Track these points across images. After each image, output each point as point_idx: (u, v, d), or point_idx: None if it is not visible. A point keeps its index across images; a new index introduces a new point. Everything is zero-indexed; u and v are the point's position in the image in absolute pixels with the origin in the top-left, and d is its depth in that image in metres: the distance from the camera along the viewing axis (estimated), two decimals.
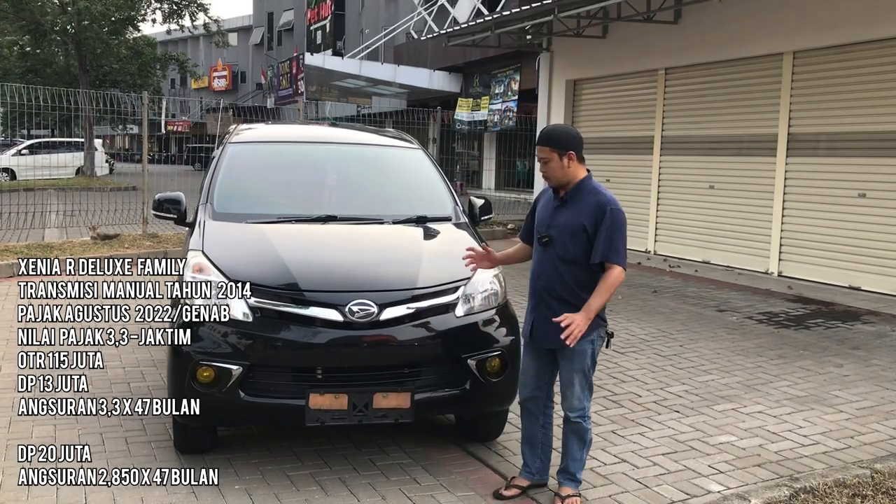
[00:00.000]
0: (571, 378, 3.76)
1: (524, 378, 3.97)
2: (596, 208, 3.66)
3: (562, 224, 3.70)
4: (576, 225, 3.66)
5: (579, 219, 3.66)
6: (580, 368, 3.75)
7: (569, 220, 3.68)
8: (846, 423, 5.04)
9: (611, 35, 13.45)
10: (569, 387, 3.78)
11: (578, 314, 3.57)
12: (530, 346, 3.91)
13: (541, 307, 3.77)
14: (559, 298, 3.70)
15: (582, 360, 3.74)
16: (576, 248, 3.66)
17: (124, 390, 5.42)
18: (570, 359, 3.74)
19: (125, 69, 30.57)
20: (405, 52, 27.86)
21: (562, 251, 3.68)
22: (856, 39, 9.49)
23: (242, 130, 5.99)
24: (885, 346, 6.96)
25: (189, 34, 36.71)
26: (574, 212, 3.69)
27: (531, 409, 3.96)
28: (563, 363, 3.79)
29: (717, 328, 7.65)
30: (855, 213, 9.55)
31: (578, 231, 3.66)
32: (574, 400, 3.79)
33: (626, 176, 13.28)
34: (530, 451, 4.00)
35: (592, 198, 3.70)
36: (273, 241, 4.49)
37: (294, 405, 3.94)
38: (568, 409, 3.81)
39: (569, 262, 3.67)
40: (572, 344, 3.56)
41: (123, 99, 21.22)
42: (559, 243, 3.69)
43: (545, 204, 3.87)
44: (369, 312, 3.98)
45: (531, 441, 4.00)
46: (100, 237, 11.80)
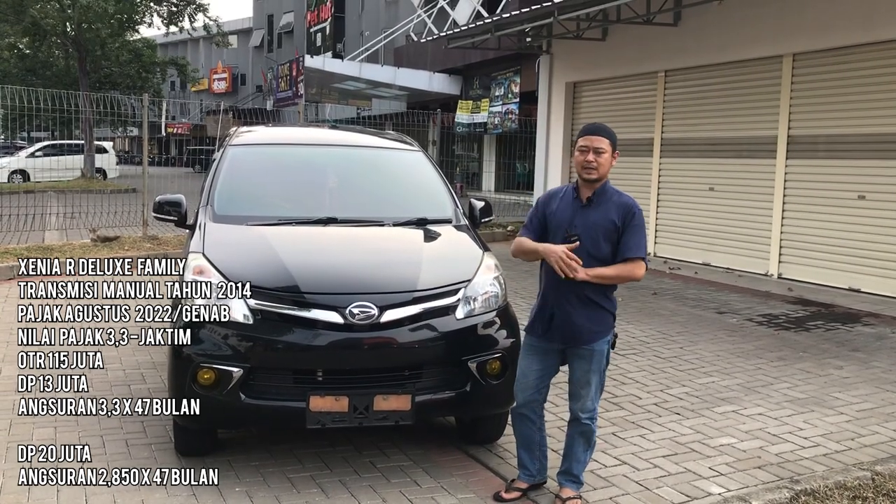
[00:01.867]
0: (588, 378, 3.75)
1: (525, 381, 3.87)
2: (623, 208, 3.72)
3: (592, 222, 3.70)
4: (608, 223, 3.69)
5: (610, 217, 3.70)
6: (598, 369, 3.76)
7: (599, 218, 3.70)
8: (847, 425, 5.04)
9: (610, 37, 13.47)
10: (584, 387, 3.76)
11: (582, 268, 3.59)
12: (536, 348, 3.85)
13: (563, 305, 3.71)
14: (584, 298, 3.68)
15: (600, 360, 3.76)
16: (607, 246, 3.69)
17: (125, 392, 5.41)
18: (589, 359, 3.73)
19: (125, 71, 30.59)
20: (405, 55, 27.88)
21: (594, 249, 3.67)
22: (855, 42, 9.50)
23: (242, 133, 5.99)
24: (885, 348, 6.96)
25: (189, 36, 36.77)
26: (604, 211, 3.71)
27: (528, 413, 3.89)
28: (579, 363, 3.76)
29: (718, 330, 7.65)
30: (855, 215, 9.55)
31: (611, 230, 3.69)
32: (588, 401, 3.78)
33: (626, 178, 13.25)
34: (529, 455, 3.96)
35: (617, 198, 3.77)
36: (273, 244, 4.49)
37: (294, 407, 3.94)
38: (580, 410, 3.79)
39: (599, 260, 3.67)
40: (578, 275, 3.55)
41: (123, 101, 21.23)
42: (591, 241, 3.68)
43: (563, 205, 3.80)
44: (370, 315, 3.98)
45: (529, 446, 3.95)
46: (100, 239, 11.80)
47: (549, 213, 3.83)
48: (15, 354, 5.86)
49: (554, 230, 3.78)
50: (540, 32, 14.33)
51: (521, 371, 3.90)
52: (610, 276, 3.67)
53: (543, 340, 3.82)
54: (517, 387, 3.91)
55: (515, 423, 3.96)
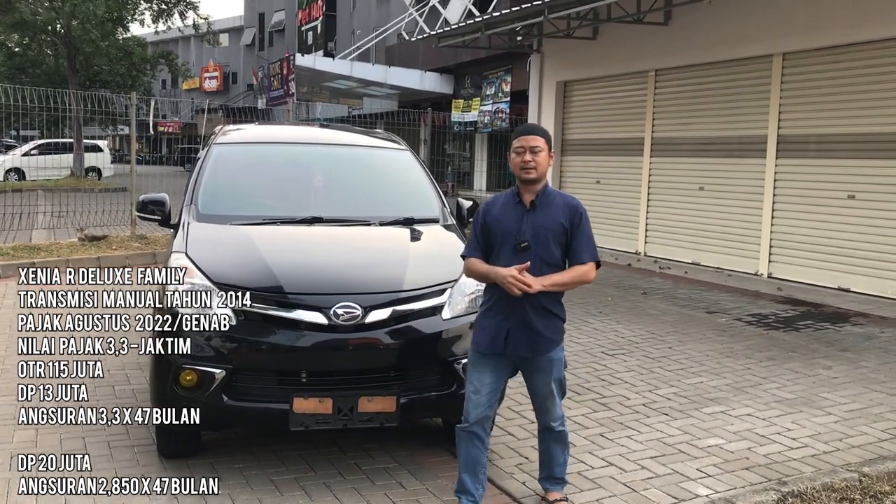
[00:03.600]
0: (551, 388, 3.68)
1: (477, 398, 3.63)
2: (570, 209, 3.62)
3: (541, 227, 3.58)
4: (557, 226, 3.59)
5: (558, 219, 3.60)
6: (558, 377, 3.69)
7: (547, 221, 3.59)
8: (835, 426, 5.02)
9: (601, 37, 13.45)
10: (549, 398, 3.70)
11: (534, 278, 3.47)
12: (489, 362, 3.64)
13: (517, 315, 3.56)
14: (539, 306, 3.55)
15: (560, 368, 3.69)
16: (558, 249, 3.60)
17: (124, 399, 5.36)
18: (549, 369, 3.64)
19: (115, 69, 30.43)
20: (396, 53, 27.83)
21: (545, 254, 3.58)
22: (844, 41, 9.50)
23: (228, 131, 5.94)
24: (873, 348, 6.96)
25: (179, 34, 36.58)
26: (550, 213, 3.60)
27: (478, 432, 3.65)
28: (541, 376, 3.65)
29: (707, 330, 7.63)
30: (844, 214, 9.56)
31: (560, 232, 3.59)
32: (557, 409, 3.73)
33: (616, 177, 13.29)
34: (472, 479, 3.68)
35: (561, 199, 3.67)
36: (257, 243, 4.44)
37: (278, 409, 3.90)
38: (552, 420, 3.73)
39: (552, 265, 3.58)
40: (533, 288, 3.42)
41: (113, 99, 21.10)
42: (542, 247, 3.57)
43: (506, 212, 3.65)
44: (354, 315, 3.94)
45: (473, 468, 3.67)
46: (87, 238, 11.71)
47: (491, 222, 3.66)
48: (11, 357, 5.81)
49: (501, 239, 3.62)
50: (531, 31, 14.30)
51: (472, 388, 3.66)
52: (564, 282, 3.57)
53: (495, 354, 3.63)
54: (469, 404, 3.66)
55: (462, 444, 3.69)
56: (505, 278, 3.46)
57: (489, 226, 3.67)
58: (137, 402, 5.24)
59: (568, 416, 5.08)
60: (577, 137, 14.40)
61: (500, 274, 3.49)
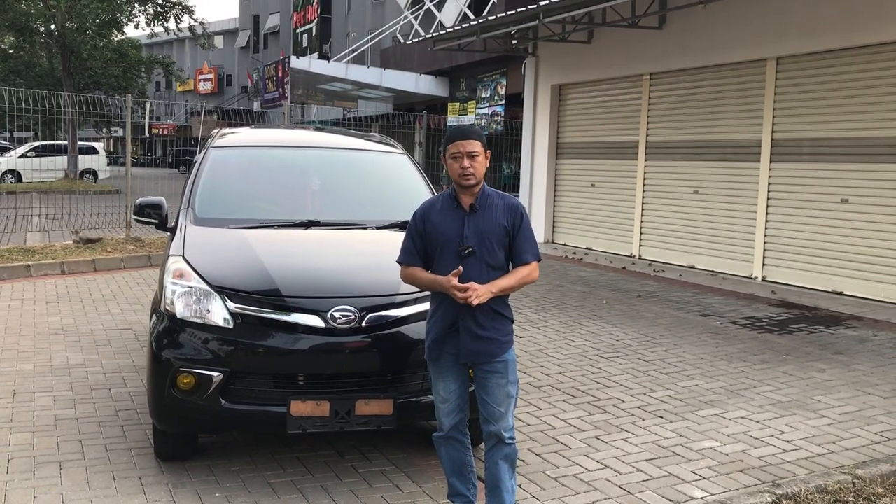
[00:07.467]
0: (507, 391, 3.52)
1: (447, 406, 3.60)
2: (510, 210, 3.54)
3: (483, 230, 3.48)
4: (499, 228, 3.50)
5: (500, 221, 3.51)
6: (514, 379, 3.56)
7: (489, 224, 3.49)
8: (828, 429, 5.05)
9: (596, 40, 13.50)
10: (505, 401, 3.52)
11: (482, 286, 3.39)
12: (451, 368, 3.57)
13: (466, 322, 3.46)
14: (487, 309, 3.45)
15: (514, 370, 3.56)
16: (501, 251, 3.52)
17: (120, 402, 5.36)
18: (504, 371, 3.51)
19: (110, 72, 30.39)
20: (391, 56, 27.82)
21: (490, 258, 3.49)
22: (838, 46, 9.55)
23: (225, 134, 5.94)
24: (867, 351, 7.00)
25: (174, 37, 36.53)
26: (491, 216, 3.51)
27: (455, 435, 3.63)
28: (496, 379, 3.50)
29: (701, 333, 7.66)
30: (838, 218, 9.60)
31: (503, 234, 3.51)
32: (510, 417, 3.54)
33: (610, 181, 13.32)
34: (461, 481, 3.69)
35: (501, 200, 3.56)
36: (255, 247, 4.45)
37: (275, 412, 3.91)
38: (503, 430, 3.52)
39: (497, 268, 3.50)
40: (475, 300, 3.33)
41: (107, 101, 21.07)
42: (486, 250, 3.47)
43: (445, 217, 3.54)
44: (351, 318, 3.96)
45: (460, 470, 3.68)
46: (82, 241, 11.70)
47: (431, 229, 3.54)
48: (13, 356, 5.81)
49: (442, 245, 3.51)
50: (526, 35, 14.34)
51: (440, 398, 3.62)
52: (512, 286, 3.48)
53: (452, 360, 3.56)
54: (440, 414, 3.63)
55: (442, 450, 3.69)
56: (452, 290, 3.36)
57: (428, 233, 3.56)
58: (134, 405, 5.25)
59: (563, 419, 5.13)
60: (571, 141, 14.44)
61: (447, 286, 3.38)
